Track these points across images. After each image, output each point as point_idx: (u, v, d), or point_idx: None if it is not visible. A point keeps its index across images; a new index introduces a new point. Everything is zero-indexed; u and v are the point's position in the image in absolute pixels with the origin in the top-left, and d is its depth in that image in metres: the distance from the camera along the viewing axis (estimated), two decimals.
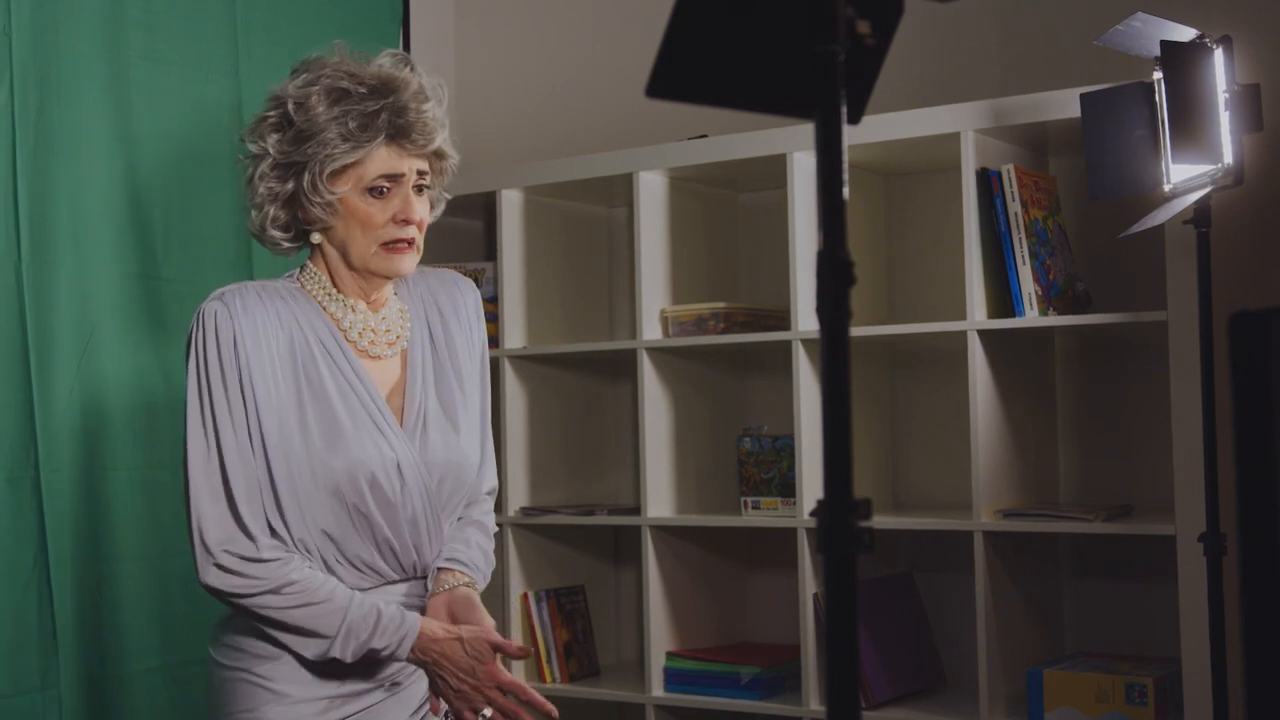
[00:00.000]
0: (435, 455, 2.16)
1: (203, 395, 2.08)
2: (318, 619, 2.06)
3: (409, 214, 2.13)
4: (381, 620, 2.08)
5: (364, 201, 2.12)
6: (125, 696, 2.85)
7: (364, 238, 2.13)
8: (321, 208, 2.12)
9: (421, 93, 2.15)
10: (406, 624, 2.09)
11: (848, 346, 1.19)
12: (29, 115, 2.77)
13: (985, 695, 2.85)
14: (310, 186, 2.11)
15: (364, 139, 2.10)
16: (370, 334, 2.19)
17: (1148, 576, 3.03)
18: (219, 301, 2.11)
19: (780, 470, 3.16)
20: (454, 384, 2.24)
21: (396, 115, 2.11)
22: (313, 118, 2.10)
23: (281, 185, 2.14)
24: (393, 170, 2.12)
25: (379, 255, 2.14)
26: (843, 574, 1.17)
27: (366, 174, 2.12)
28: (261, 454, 2.08)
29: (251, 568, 2.06)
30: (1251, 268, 2.91)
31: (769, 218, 3.40)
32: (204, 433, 2.08)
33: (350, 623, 2.06)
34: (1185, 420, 2.67)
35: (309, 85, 2.13)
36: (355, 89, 2.11)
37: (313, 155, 2.10)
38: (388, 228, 2.13)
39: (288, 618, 2.06)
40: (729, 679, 3.15)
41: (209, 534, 2.06)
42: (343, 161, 2.10)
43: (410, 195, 2.14)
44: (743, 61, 1.23)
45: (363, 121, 2.10)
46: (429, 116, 2.14)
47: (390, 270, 2.16)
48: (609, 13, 3.73)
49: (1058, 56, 3.15)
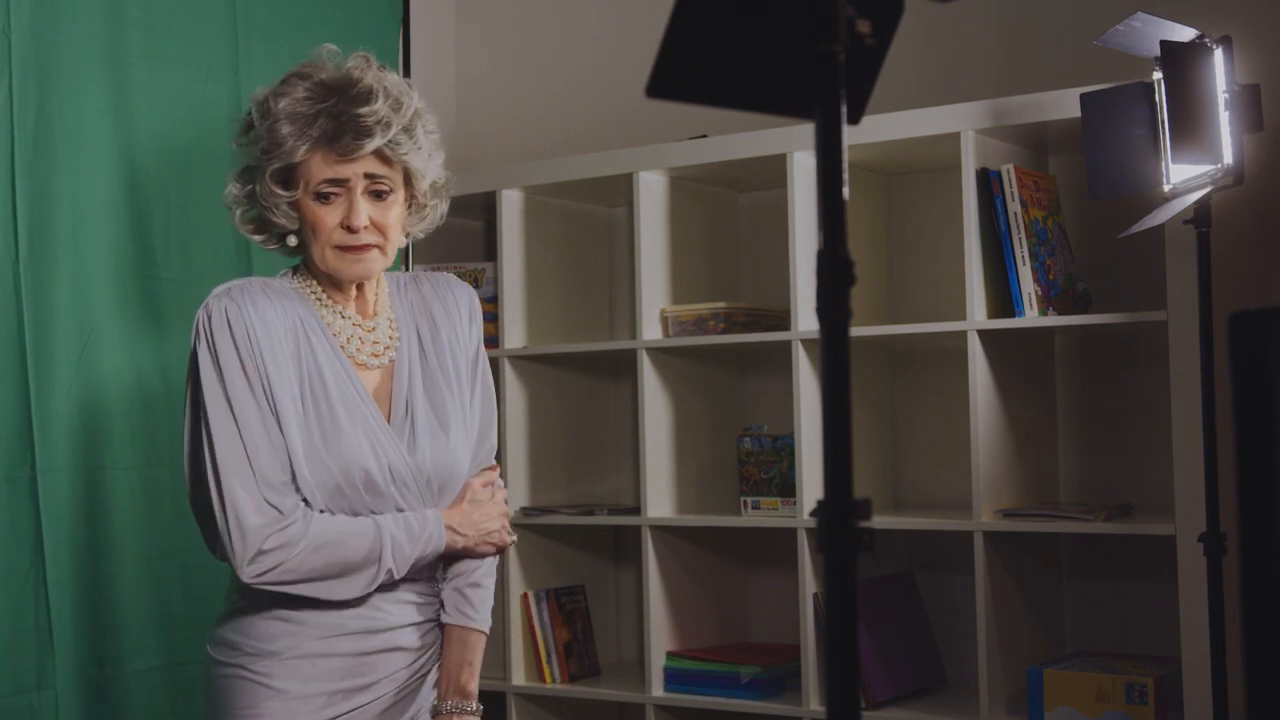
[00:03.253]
0: (424, 457, 2.17)
1: (222, 387, 2.08)
2: (358, 545, 2.09)
3: (351, 220, 2.13)
4: (409, 521, 2.14)
5: (314, 205, 2.14)
6: (122, 696, 2.84)
7: (316, 242, 2.16)
8: (277, 212, 2.14)
9: (369, 94, 2.11)
10: (431, 520, 2.17)
11: (848, 346, 1.19)
12: (29, 114, 2.77)
13: (985, 695, 2.85)
14: (261, 190, 2.14)
15: (297, 145, 2.10)
16: (358, 342, 2.20)
17: (1148, 576, 3.03)
18: (227, 296, 2.12)
19: (780, 470, 3.16)
20: (443, 386, 2.24)
21: (333, 119, 2.10)
22: (269, 120, 2.12)
23: (242, 189, 2.18)
24: (332, 175, 2.12)
25: (335, 256, 2.16)
26: (843, 574, 1.17)
27: (312, 178, 2.13)
28: (285, 437, 2.09)
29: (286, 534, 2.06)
30: (1251, 268, 2.91)
31: (769, 218, 3.40)
32: (228, 423, 2.08)
33: (386, 531, 2.11)
34: (1185, 420, 2.67)
35: (273, 90, 2.15)
36: (306, 92, 2.12)
37: (260, 159, 2.13)
38: (336, 232, 2.14)
39: (331, 567, 2.08)
40: (729, 679, 3.15)
41: (248, 523, 2.05)
42: (282, 163, 2.12)
43: (358, 201, 2.13)
44: (743, 61, 1.23)
45: (299, 126, 2.11)
46: (368, 120, 2.10)
47: (348, 273, 2.17)
48: (609, 13, 3.73)
49: (1058, 56, 3.15)
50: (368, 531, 2.10)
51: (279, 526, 2.06)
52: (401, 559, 2.12)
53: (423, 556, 2.15)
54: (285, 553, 2.06)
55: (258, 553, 2.05)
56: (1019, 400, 3.00)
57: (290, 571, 2.07)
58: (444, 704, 2.22)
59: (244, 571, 2.06)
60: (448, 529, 2.17)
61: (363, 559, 2.10)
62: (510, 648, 3.36)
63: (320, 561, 2.08)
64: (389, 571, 2.11)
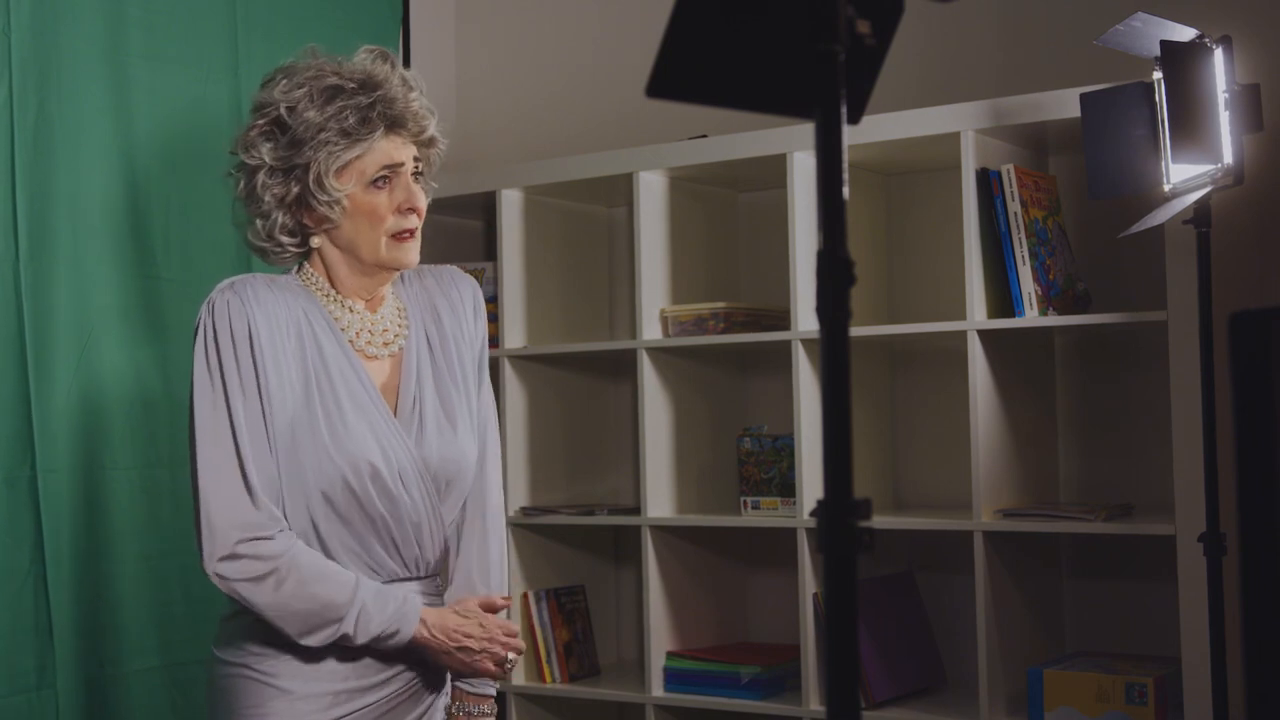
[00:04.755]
0: (431, 452, 2.17)
1: (214, 381, 2.08)
2: (328, 594, 2.05)
3: (413, 201, 2.16)
4: (387, 597, 2.10)
5: (369, 195, 2.14)
6: (123, 696, 2.84)
7: (372, 231, 2.15)
8: (328, 206, 2.13)
9: (405, 83, 2.18)
10: (410, 602, 2.12)
11: (848, 346, 1.19)
12: (28, 114, 2.77)
13: (985, 695, 2.85)
14: (316, 186, 2.12)
15: (364, 133, 2.12)
16: (367, 334, 2.20)
17: (1148, 576, 3.03)
18: (230, 290, 2.12)
19: (780, 470, 3.16)
20: (450, 382, 2.24)
21: (388, 106, 2.14)
22: (307, 120, 2.11)
23: (286, 190, 2.14)
24: (393, 160, 2.15)
25: (390, 246, 2.16)
26: (843, 574, 1.17)
27: (369, 167, 2.13)
28: (273, 444, 2.08)
29: (261, 546, 2.04)
30: (1251, 268, 2.91)
31: (769, 218, 3.40)
32: (217, 418, 2.07)
33: (360, 598, 2.07)
34: (1185, 420, 2.67)
35: (296, 88, 2.13)
36: (346, 85, 2.13)
37: (313, 156, 2.11)
38: (393, 218, 2.15)
39: (297, 599, 2.04)
40: (729, 679, 3.15)
41: (217, 519, 2.04)
42: (346, 158, 2.12)
43: (410, 183, 2.17)
44: (743, 61, 1.23)
45: (361, 115, 2.11)
46: (418, 105, 2.18)
47: (401, 261, 2.18)
48: (609, 13, 3.73)
49: (1058, 56, 3.15)
50: (343, 585, 2.07)
51: (253, 534, 2.05)
52: (363, 628, 2.07)
53: (390, 635, 2.10)
54: (255, 566, 2.04)
55: (228, 555, 2.04)
56: (1019, 400, 3.00)
57: (251, 590, 2.04)
58: (457, 704, 2.25)
59: (209, 567, 2.05)
60: (421, 621, 2.12)
61: (321, 610, 2.05)
62: None
63: (284, 595, 2.04)
64: (345, 635, 2.07)
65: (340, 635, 2.07)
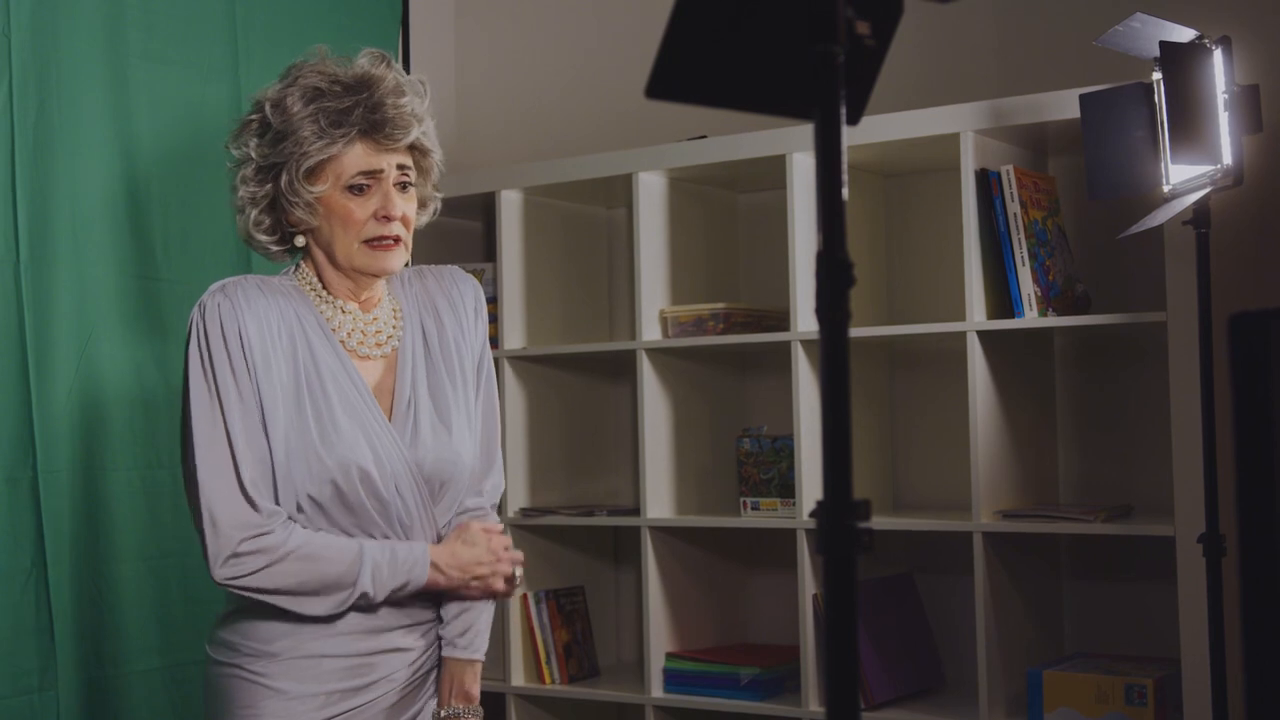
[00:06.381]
0: (426, 453, 2.17)
1: (208, 383, 2.08)
2: (336, 559, 2.08)
3: (389, 210, 2.14)
4: (395, 548, 2.12)
5: (344, 199, 2.13)
6: (123, 697, 2.84)
7: (346, 235, 2.14)
8: (302, 208, 2.14)
9: (398, 88, 2.15)
10: (416, 548, 2.14)
11: (847, 347, 1.19)
12: (28, 115, 2.77)
13: (985, 696, 2.85)
14: (288, 186, 2.13)
15: (338, 135, 2.11)
16: (360, 334, 2.20)
17: (1147, 577, 3.03)
18: (221, 293, 2.12)
19: (780, 471, 3.16)
20: (447, 382, 2.23)
21: (371, 111, 2.12)
22: (288, 117, 2.12)
23: (260, 188, 2.16)
24: (370, 166, 2.13)
25: (363, 252, 2.15)
26: (843, 574, 1.17)
27: (345, 171, 2.13)
28: (268, 443, 2.09)
29: (263, 541, 2.05)
30: (1251, 268, 2.91)
31: (769, 218, 3.40)
32: (213, 420, 2.08)
33: (368, 556, 2.09)
34: (1185, 420, 2.67)
35: (287, 87, 2.15)
36: (330, 87, 2.13)
37: (289, 154, 2.12)
38: (369, 225, 2.14)
39: (306, 572, 2.06)
40: (729, 679, 3.14)
41: (221, 520, 2.05)
42: (317, 158, 2.11)
43: (391, 191, 2.15)
44: (743, 61, 1.23)
45: (336, 118, 2.11)
46: (405, 111, 2.15)
47: (376, 268, 2.16)
48: (609, 14, 3.73)
49: (1058, 56, 3.15)
50: (347, 550, 2.09)
51: (255, 531, 2.06)
52: (380, 584, 2.10)
53: (402, 587, 2.13)
54: (260, 559, 2.05)
55: (232, 555, 2.05)
56: (1018, 401, 3.00)
57: (263, 579, 2.06)
58: (445, 709, 2.22)
59: (216, 572, 2.06)
60: (432, 565, 2.14)
61: (336, 578, 2.08)
62: (510, 649, 3.35)
63: (294, 573, 2.06)
64: (364, 595, 2.10)
65: (359, 595, 2.09)
